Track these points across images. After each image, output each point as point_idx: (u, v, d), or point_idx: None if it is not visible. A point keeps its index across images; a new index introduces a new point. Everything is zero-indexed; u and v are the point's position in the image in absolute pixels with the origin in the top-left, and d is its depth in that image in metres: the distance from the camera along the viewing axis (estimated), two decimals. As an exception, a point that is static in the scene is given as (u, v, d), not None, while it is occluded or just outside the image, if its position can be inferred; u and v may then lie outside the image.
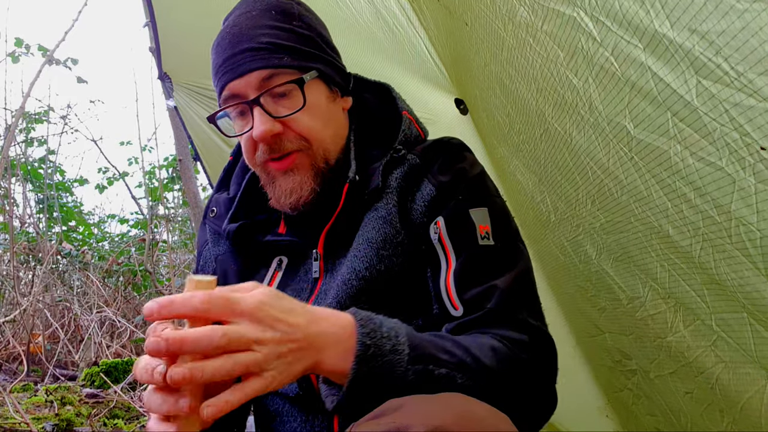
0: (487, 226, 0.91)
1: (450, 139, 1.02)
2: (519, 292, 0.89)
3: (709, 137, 0.82)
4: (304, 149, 0.94)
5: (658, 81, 0.85)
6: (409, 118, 1.04)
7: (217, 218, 1.09)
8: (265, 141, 0.92)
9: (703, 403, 1.20)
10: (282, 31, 0.93)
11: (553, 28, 1.03)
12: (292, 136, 0.93)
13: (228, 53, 0.92)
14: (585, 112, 1.07)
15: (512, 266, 0.90)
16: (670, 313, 1.18)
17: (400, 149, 0.97)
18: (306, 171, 0.95)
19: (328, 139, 0.97)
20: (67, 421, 2.41)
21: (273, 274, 1.01)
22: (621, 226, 1.19)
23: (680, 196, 0.95)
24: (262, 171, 0.98)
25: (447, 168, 0.95)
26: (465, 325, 0.86)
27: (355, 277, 0.89)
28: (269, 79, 0.91)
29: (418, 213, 0.94)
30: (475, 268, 0.89)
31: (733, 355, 1.05)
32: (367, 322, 0.70)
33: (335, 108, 1.01)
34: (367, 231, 0.92)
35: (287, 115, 0.92)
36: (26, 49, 4.47)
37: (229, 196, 1.10)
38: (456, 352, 0.75)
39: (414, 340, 0.72)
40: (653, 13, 0.79)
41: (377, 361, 0.68)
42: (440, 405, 0.60)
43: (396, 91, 1.09)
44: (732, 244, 0.89)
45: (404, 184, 0.95)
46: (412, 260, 0.92)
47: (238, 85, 0.91)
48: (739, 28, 0.70)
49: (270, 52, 0.91)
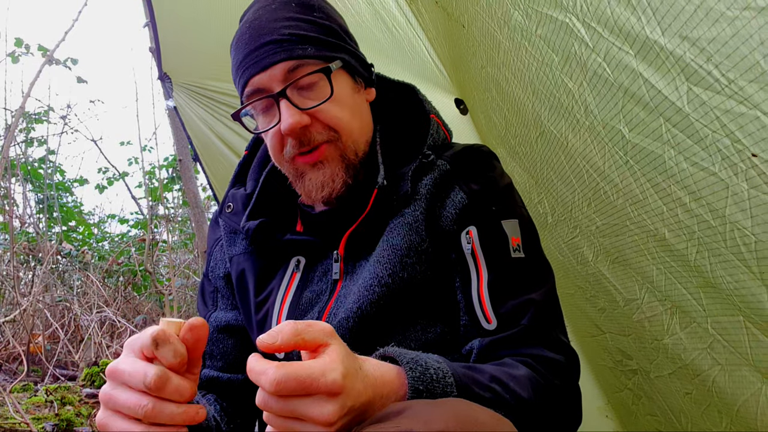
0: (518, 239, 0.91)
1: (480, 147, 1.00)
2: (551, 307, 0.89)
3: (701, 143, 0.83)
4: (333, 140, 0.92)
5: (650, 87, 0.86)
6: (437, 122, 1.02)
7: (234, 214, 1.07)
8: (293, 134, 0.90)
9: (702, 404, 1.21)
10: (304, 23, 0.91)
11: (547, 33, 1.03)
12: (320, 128, 0.91)
13: (250, 47, 0.90)
14: (580, 116, 1.08)
15: (544, 280, 0.91)
16: (666, 315, 1.18)
17: (429, 154, 0.95)
18: (336, 163, 0.92)
19: (356, 130, 0.95)
20: (67, 421, 2.41)
21: (291, 275, 0.99)
22: (617, 229, 1.19)
23: (675, 200, 0.95)
24: (290, 167, 0.95)
25: (478, 176, 0.94)
26: (500, 342, 0.85)
27: (377, 284, 0.88)
28: (294, 71, 0.89)
29: (448, 220, 0.92)
30: (509, 282, 0.88)
31: (729, 358, 1.06)
32: (414, 366, 0.69)
33: (360, 99, 0.99)
34: (392, 237, 0.91)
35: (315, 106, 0.89)
36: (26, 49, 4.48)
37: (246, 192, 1.08)
38: (496, 388, 0.74)
39: (459, 379, 0.71)
40: (644, 19, 0.80)
41: None
42: (443, 409, 0.60)
43: (422, 93, 1.07)
44: (727, 248, 0.89)
45: (434, 190, 0.93)
46: (436, 268, 0.91)
47: (262, 79, 0.90)
48: (730, 36, 0.70)
49: (293, 44, 0.89)
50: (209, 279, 1.13)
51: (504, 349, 0.85)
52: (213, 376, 1.04)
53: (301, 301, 0.96)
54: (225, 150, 2.51)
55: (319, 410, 0.56)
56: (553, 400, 0.81)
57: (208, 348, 1.06)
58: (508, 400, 0.74)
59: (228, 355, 1.06)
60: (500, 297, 0.87)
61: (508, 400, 0.74)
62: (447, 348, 0.89)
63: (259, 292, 1.01)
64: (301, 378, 0.55)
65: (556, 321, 0.89)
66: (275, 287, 1.00)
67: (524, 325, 0.84)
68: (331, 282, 0.95)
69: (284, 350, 0.57)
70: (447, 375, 0.70)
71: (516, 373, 0.78)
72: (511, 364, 0.81)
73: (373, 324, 0.88)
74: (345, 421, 0.59)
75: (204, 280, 1.15)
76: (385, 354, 0.72)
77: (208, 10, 2.06)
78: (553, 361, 0.83)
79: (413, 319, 0.90)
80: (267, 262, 1.02)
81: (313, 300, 0.96)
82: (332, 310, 0.93)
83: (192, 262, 5.21)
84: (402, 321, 0.90)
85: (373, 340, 0.83)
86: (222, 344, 1.07)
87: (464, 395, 0.70)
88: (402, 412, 0.60)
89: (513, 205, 0.95)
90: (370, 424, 0.60)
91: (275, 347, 0.57)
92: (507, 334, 0.85)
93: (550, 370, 0.82)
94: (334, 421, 0.56)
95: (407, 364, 0.69)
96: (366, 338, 0.87)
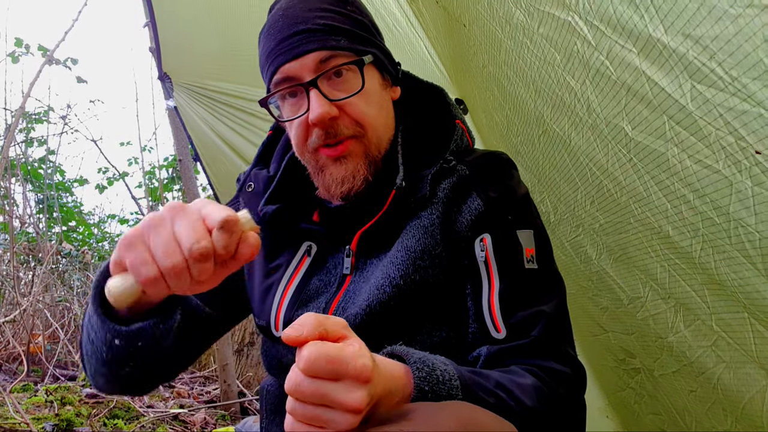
0: (533, 249, 0.90)
1: (501, 154, 1.00)
2: (562, 320, 0.89)
3: (705, 140, 0.83)
4: (359, 136, 0.92)
5: (653, 85, 0.86)
6: (462, 128, 1.02)
7: (254, 195, 1.06)
8: (322, 124, 0.89)
9: (707, 402, 1.20)
10: (337, 15, 0.91)
11: (548, 32, 1.03)
12: (348, 122, 0.90)
13: (283, 35, 0.90)
14: (583, 114, 1.08)
15: (556, 293, 0.91)
16: (670, 313, 1.18)
17: (451, 159, 0.95)
18: (359, 159, 0.92)
19: (381, 127, 0.95)
20: (67, 421, 2.41)
21: (302, 257, 0.99)
22: (621, 227, 1.19)
23: (679, 197, 0.95)
24: (312, 158, 0.95)
25: (496, 184, 0.94)
26: (508, 351, 0.85)
27: (388, 284, 0.88)
28: (326, 61, 0.88)
29: (463, 226, 0.91)
30: (521, 293, 0.88)
31: (733, 355, 1.06)
32: (421, 366, 0.69)
33: (387, 96, 0.99)
34: (407, 239, 0.91)
35: (344, 98, 0.89)
36: (26, 49, 4.48)
37: (269, 174, 1.07)
38: (500, 394, 0.74)
39: (464, 382, 0.71)
40: (647, 17, 0.80)
41: None
42: (445, 412, 0.60)
43: (449, 97, 1.06)
44: (732, 245, 0.89)
45: (452, 195, 0.93)
46: (448, 273, 0.91)
47: (293, 67, 0.89)
48: (733, 33, 0.70)
49: (327, 34, 0.89)
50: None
51: (512, 359, 0.84)
52: (195, 304, 1.02)
53: (308, 286, 0.96)
54: (226, 149, 2.51)
55: (350, 395, 0.55)
56: (558, 411, 0.81)
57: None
58: (512, 407, 0.74)
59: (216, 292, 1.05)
60: (511, 307, 0.86)
61: (512, 407, 0.74)
62: (452, 353, 0.88)
63: (268, 262, 1.01)
64: (332, 357, 0.55)
65: (566, 334, 0.89)
66: (284, 263, 1.00)
67: (534, 336, 0.84)
68: (340, 276, 0.95)
69: (309, 342, 0.57)
70: (453, 377, 0.70)
71: (521, 381, 0.78)
72: (517, 372, 0.81)
73: (381, 324, 0.88)
74: (368, 411, 0.58)
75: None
76: (393, 352, 0.72)
77: (208, 10, 2.06)
78: (560, 373, 0.83)
79: (421, 321, 0.90)
80: (278, 243, 1.02)
81: (320, 289, 0.96)
82: (339, 304, 0.93)
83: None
84: (410, 323, 0.90)
85: (379, 340, 0.83)
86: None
87: (469, 399, 0.69)
88: (405, 415, 0.60)
89: (529, 216, 0.94)
90: (374, 426, 0.60)
91: (301, 340, 0.57)
92: (516, 344, 0.84)
93: (557, 381, 0.82)
94: (363, 408, 0.56)
95: (414, 364, 0.69)
96: (373, 337, 0.86)
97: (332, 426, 0.57)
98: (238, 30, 2.06)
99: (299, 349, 0.56)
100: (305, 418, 0.58)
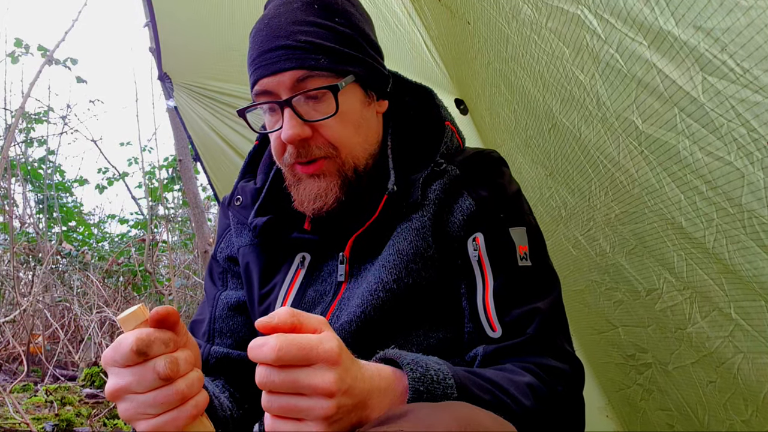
0: (525, 247, 0.90)
1: (490, 152, 1.00)
2: (557, 316, 0.89)
3: (716, 132, 0.83)
4: (332, 156, 0.91)
5: (664, 78, 0.86)
6: (452, 129, 1.02)
7: (243, 208, 1.06)
8: (293, 144, 0.90)
9: (727, 392, 1.20)
10: (322, 29, 0.89)
11: (557, 26, 1.03)
12: (321, 142, 0.90)
13: (264, 48, 0.89)
14: (593, 108, 1.08)
15: (551, 289, 0.91)
16: (686, 304, 1.18)
17: (441, 162, 0.95)
18: (332, 178, 0.92)
19: (357, 146, 0.94)
20: (67, 421, 2.41)
21: (296, 270, 0.99)
22: (636, 217, 1.19)
23: (693, 188, 0.95)
24: (289, 171, 0.96)
25: (486, 182, 0.94)
26: (504, 350, 0.85)
27: (381, 288, 0.88)
28: (303, 81, 0.88)
29: (455, 226, 0.92)
30: (515, 290, 0.88)
31: (750, 345, 1.05)
32: (415, 367, 0.69)
33: (369, 113, 0.97)
34: (398, 242, 0.91)
35: (318, 120, 0.89)
36: (26, 49, 4.47)
37: (256, 186, 1.07)
38: (496, 392, 0.74)
39: (459, 381, 0.71)
40: (658, 10, 0.80)
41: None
42: (444, 412, 0.60)
43: (438, 98, 1.06)
44: (746, 234, 0.89)
45: (443, 196, 0.93)
46: (441, 274, 0.91)
47: (270, 82, 0.89)
48: (744, 25, 0.70)
49: (306, 52, 0.88)
50: (218, 261, 1.13)
51: (508, 357, 0.84)
52: (224, 353, 1.03)
53: (304, 298, 0.97)
54: (227, 149, 2.50)
55: (320, 378, 0.58)
56: (556, 408, 0.81)
57: (218, 326, 1.06)
58: (509, 404, 0.74)
59: (238, 332, 1.06)
60: (506, 305, 0.87)
61: (509, 405, 0.74)
62: (448, 353, 0.89)
63: (263, 285, 1.02)
64: (301, 344, 0.57)
65: (562, 330, 0.89)
66: (279, 282, 1.00)
67: (530, 334, 0.84)
68: (336, 283, 0.96)
69: (281, 330, 0.59)
70: (447, 377, 0.70)
71: (517, 379, 0.78)
72: (513, 370, 0.81)
73: (376, 328, 0.88)
74: (345, 408, 0.60)
75: (212, 262, 1.15)
76: (386, 356, 0.72)
77: (208, 10, 2.06)
78: (558, 370, 0.83)
79: (416, 324, 0.90)
80: (272, 255, 1.02)
81: (316, 299, 0.96)
82: (335, 311, 0.93)
83: (192, 262, 5.20)
84: (405, 326, 0.90)
85: (375, 344, 0.83)
86: (232, 321, 1.07)
87: (464, 397, 0.70)
88: (404, 416, 0.60)
89: (521, 213, 0.94)
90: (372, 426, 0.60)
91: (272, 326, 0.59)
92: (512, 343, 0.84)
93: (554, 378, 0.82)
94: (334, 390, 0.58)
95: (408, 366, 0.69)
96: (368, 342, 0.87)
97: (309, 415, 0.58)
98: (238, 30, 2.05)
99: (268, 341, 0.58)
100: (281, 410, 0.59)
